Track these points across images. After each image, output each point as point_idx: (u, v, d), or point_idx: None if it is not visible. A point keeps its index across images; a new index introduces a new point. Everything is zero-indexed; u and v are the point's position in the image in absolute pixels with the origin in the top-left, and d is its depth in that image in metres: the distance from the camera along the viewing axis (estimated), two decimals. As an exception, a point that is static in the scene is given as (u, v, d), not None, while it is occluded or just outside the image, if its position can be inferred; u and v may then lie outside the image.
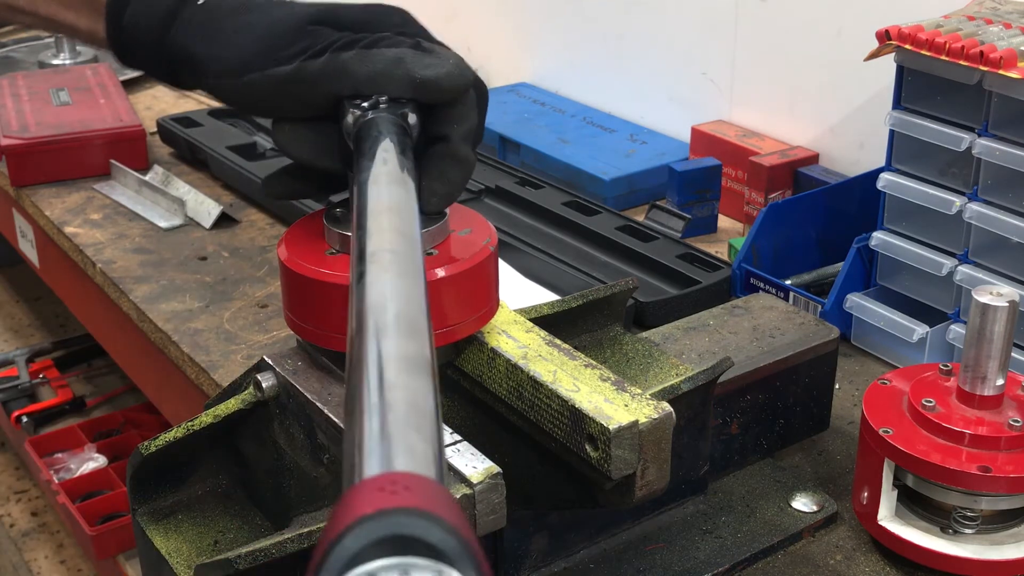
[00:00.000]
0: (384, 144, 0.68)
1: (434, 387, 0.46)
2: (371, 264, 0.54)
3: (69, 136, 1.62)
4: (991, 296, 0.81)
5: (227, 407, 0.79)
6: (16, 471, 2.30)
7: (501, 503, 0.67)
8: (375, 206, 0.61)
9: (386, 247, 0.56)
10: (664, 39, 1.70)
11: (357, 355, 0.47)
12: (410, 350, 0.47)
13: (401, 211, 0.61)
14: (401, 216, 0.60)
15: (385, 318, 0.49)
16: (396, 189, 0.64)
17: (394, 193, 0.63)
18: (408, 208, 0.62)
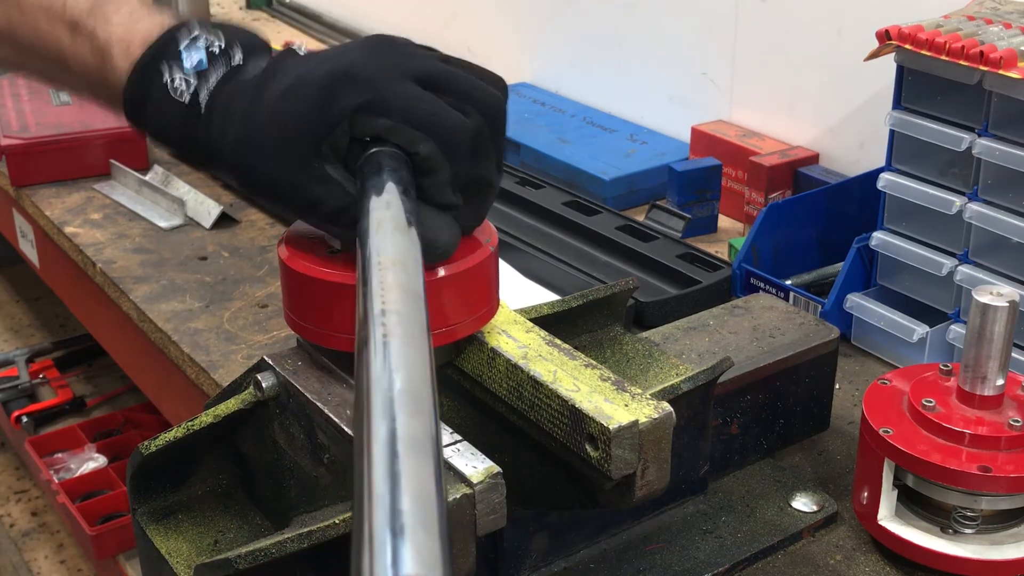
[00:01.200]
0: (388, 185, 0.68)
1: (437, 467, 0.47)
2: (375, 328, 0.54)
3: (69, 136, 1.62)
4: (991, 296, 0.81)
5: (227, 407, 0.79)
6: (16, 471, 2.30)
7: (501, 503, 0.67)
8: (380, 259, 0.61)
9: (391, 308, 0.56)
10: (664, 39, 1.70)
11: (363, 435, 0.48)
12: (415, 429, 0.48)
13: (405, 265, 0.61)
14: (406, 271, 0.60)
15: (390, 395, 0.50)
16: (400, 239, 0.63)
17: (398, 244, 0.62)
18: (412, 261, 0.62)
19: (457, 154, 0.71)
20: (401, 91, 0.71)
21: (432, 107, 0.71)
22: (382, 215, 0.65)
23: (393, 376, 0.51)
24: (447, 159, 0.71)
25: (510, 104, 0.82)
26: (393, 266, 0.60)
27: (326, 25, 2.44)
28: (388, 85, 0.71)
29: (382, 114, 0.70)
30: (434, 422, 0.49)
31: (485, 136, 0.74)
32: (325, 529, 0.67)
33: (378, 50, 0.73)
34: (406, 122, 0.70)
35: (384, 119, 0.70)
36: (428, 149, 0.70)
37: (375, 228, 0.64)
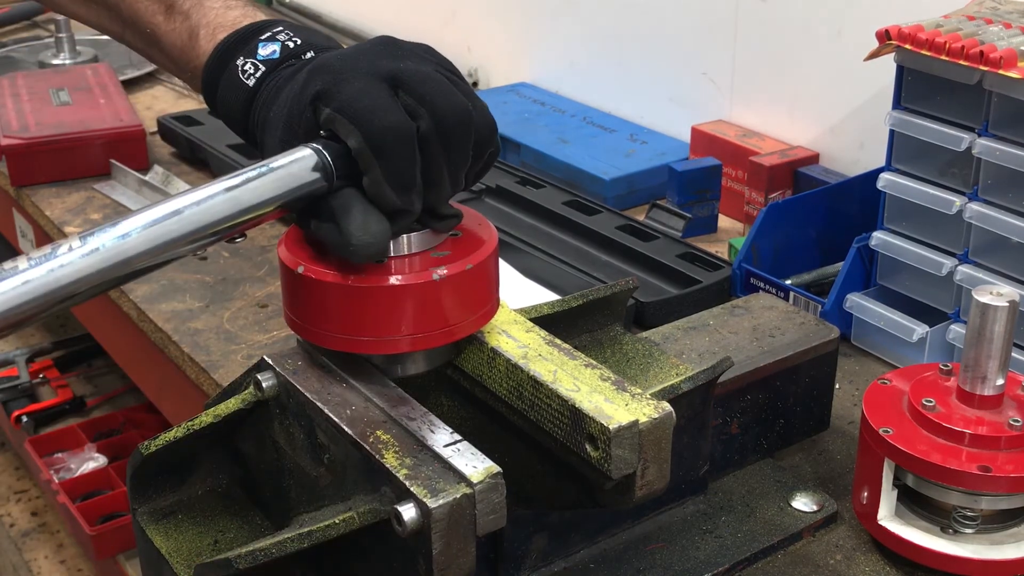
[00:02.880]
0: (277, 159, 0.72)
1: None
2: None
3: (69, 136, 1.62)
4: (991, 296, 0.81)
5: (227, 407, 0.79)
6: (16, 471, 2.30)
7: (501, 503, 0.67)
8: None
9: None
10: (664, 39, 1.70)
11: None
12: None
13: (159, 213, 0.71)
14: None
15: None
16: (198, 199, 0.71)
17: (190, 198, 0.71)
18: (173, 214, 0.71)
19: (384, 153, 0.70)
20: (353, 83, 0.72)
21: (373, 103, 0.71)
22: (264, 163, 0.71)
23: None
24: (375, 157, 0.70)
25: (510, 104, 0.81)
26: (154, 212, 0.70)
27: (326, 25, 2.44)
28: (346, 76, 0.72)
29: (330, 103, 0.72)
30: None
31: (434, 141, 0.72)
32: (325, 529, 0.67)
33: (375, 46, 0.76)
34: (342, 113, 0.71)
35: (329, 109, 0.72)
36: (356, 143, 0.71)
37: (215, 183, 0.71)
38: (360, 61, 0.73)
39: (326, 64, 0.74)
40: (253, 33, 0.82)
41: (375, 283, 0.72)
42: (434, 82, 0.72)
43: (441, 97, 0.72)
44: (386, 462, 0.68)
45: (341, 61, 0.74)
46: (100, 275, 0.67)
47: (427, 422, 0.72)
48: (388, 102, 0.71)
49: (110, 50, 2.17)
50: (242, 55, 0.80)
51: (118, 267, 0.68)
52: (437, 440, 0.70)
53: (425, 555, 0.66)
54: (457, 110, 0.72)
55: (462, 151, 0.73)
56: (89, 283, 0.66)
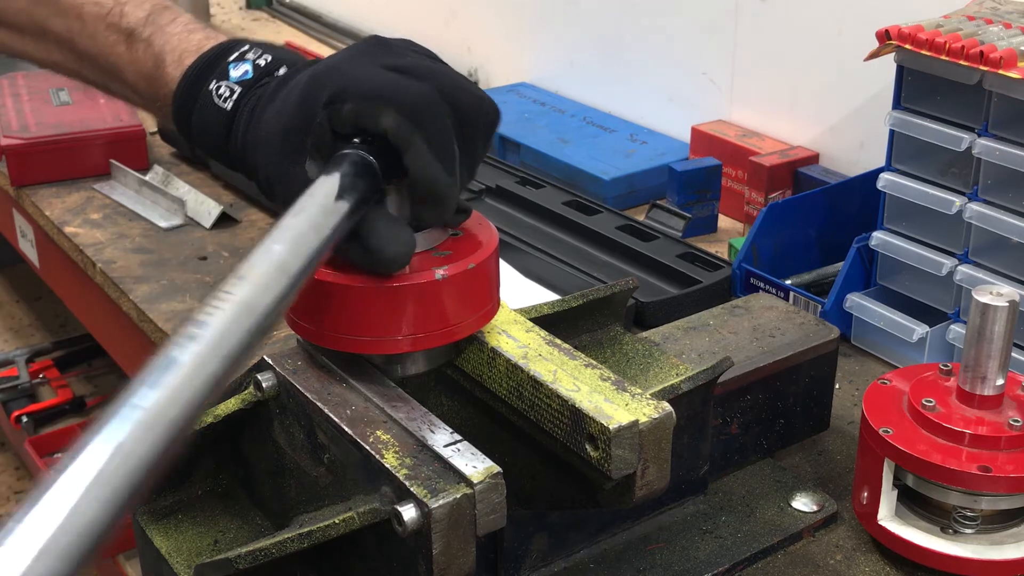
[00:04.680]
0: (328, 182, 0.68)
1: (131, 491, 0.48)
2: (188, 330, 0.55)
3: (69, 136, 1.62)
4: (991, 296, 0.81)
5: (227, 407, 0.79)
6: (16, 471, 2.30)
7: (501, 503, 0.67)
8: (244, 271, 0.61)
9: (206, 332, 0.56)
10: (664, 39, 1.70)
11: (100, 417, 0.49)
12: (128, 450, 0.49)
13: (263, 277, 0.61)
14: (255, 283, 0.60)
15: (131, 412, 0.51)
16: (279, 249, 0.63)
17: (273, 254, 0.63)
18: (279, 273, 0.62)
19: (422, 118, 0.70)
20: (367, 74, 0.71)
21: (395, 81, 0.70)
22: (288, 222, 0.66)
23: (156, 389, 0.52)
24: (415, 127, 0.70)
25: (510, 104, 0.81)
26: (243, 281, 0.60)
27: (326, 25, 2.44)
28: (356, 72, 0.71)
29: (347, 100, 0.71)
30: (159, 445, 0.51)
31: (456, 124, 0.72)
32: (325, 529, 0.67)
33: (364, 49, 0.75)
34: (370, 99, 0.70)
35: (350, 103, 0.70)
36: (391, 120, 0.70)
37: (290, 210, 0.66)
38: (363, 59, 0.73)
39: (330, 68, 0.73)
40: (220, 56, 0.79)
41: (376, 283, 0.72)
42: (441, 70, 0.73)
43: (453, 84, 0.72)
44: (386, 462, 0.68)
45: (344, 63, 0.73)
46: (200, 395, 0.56)
47: (427, 422, 0.72)
48: (408, 79, 0.71)
49: (110, 50, 2.17)
50: (214, 79, 0.78)
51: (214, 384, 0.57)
52: (437, 440, 0.70)
53: (425, 555, 0.66)
54: (471, 96, 0.72)
55: (479, 135, 0.73)
56: (190, 404, 0.55)
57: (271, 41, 0.82)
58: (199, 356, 0.55)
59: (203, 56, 0.80)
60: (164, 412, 0.52)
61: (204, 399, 0.54)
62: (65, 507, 0.45)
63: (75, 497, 0.46)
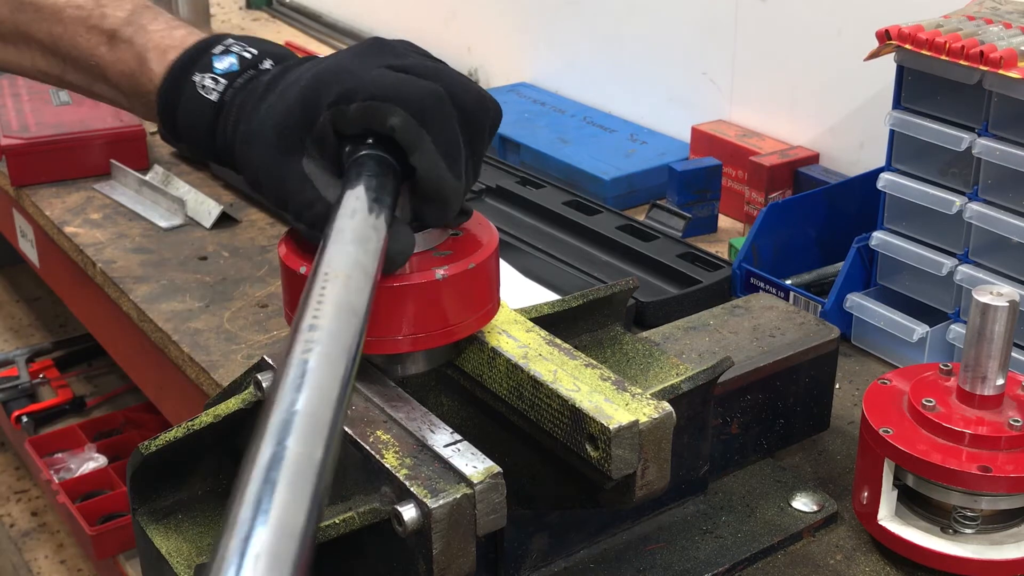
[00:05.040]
0: (360, 193, 0.68)
1: (314, 498, 0.47)
2: (298, 344, 0.54)
3: (69, 136, 1.62)
4: (991, 296, 0.81)
5: (227, 407, 0.79)
6: (16, 471, 2.30)
7: (501, 503, 0.67)
8: (327, 270, 0.61)
9: (321, 323, 0.56)
10: (664, 39, 1.70)
11: (250, 454, 0.48)
12: (301, 456, 0.48)
13: (351, 279, 0.61)
14: (348, 286, 0.60)
15: (288, 416, 0.50)
16: (353, 251, 0.63)
17: (349, 256, 0.63)
18: (361, 274, 0.62)
19: (429, 118, 0.70)
20: (372, 75, 0.71)
21: (401, 80, 0.70)
22: (344, 224, 0.66)
23: (297, 396, 0.51)
24: (423, 126, 0.70)
25: (510, 104, 0.81)
26: (336, 279, 0.60)
27: (326, 25, 2.44)
28: (361, 75, 0.71)
29: (352, 99, 0.70)
30: (326, 448, 0.49)
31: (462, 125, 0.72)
32: (325, 529, 0.67)
33: (369, 47, 0.75)
34: (377, 98, 0.70)
35: (356, 102, 0.70)
36: (398, 120, 0.70)
37: (334, 237, 0.65)
38: (366, 60, 0.73)
39: (334, 68, 0.73)
40: (203, 49, 0.79)
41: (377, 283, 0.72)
42: (446, 72, 0.73)
43: (458, 84, 0.72)
44: (386, 462, 0.68)
45: (348, 63, 0.73)
46: (341, 394, 0.55)
47: (427, 422, 0.72)
48: (415, 79, 0.71)
49: (110, 50, 2.17)
50: (198, 71, 0.78)
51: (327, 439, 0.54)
52: (437, 440, 0.70)
53: (425, 555, 0.66)
54: (476, 96, 0.73)
55: (483, 135, 0.74)
56: (338, 402, 0.54)
57: (271, 41, 0.82)
58: (326, 356, 0.55)
59: (187, 51, 0.79)
60: (321, 413, 0.51)
61: (346, 397, 0.54)
62: (275, 518, 0.46)
63: (281, 508, 0.46)
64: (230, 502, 0.46)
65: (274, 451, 0.48)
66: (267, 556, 0.44)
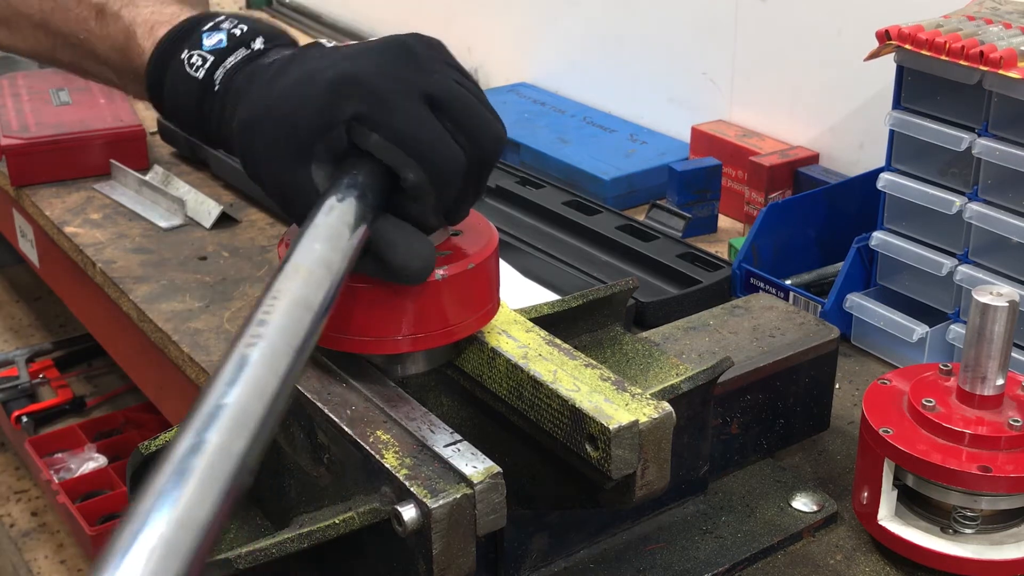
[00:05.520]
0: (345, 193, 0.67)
1: (223, 494, 0.47)
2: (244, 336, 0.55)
3: (69, 136, 1.62)
4: (991, 296, 0.81)
5: (227, 407, 0.79)
6: (16, 471, 2.30)
7: (501, 503, 0.67)
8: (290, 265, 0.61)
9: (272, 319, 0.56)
10: (664, 39, 1.70)
11: (172, 445, 0.48)
12: (219, 451, 0.48)
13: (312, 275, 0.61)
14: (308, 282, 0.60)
15: (215, 409, 0.50)
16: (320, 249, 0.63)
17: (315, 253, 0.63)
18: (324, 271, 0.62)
19: (446, 187, 0.70)
20: (404, 110, 0.69)
21: (431, 135, 0.69)
22: (320, 220, 0.65)
23: (229, 390, 0.51)
24: (435, 189, 0.69)
25: (510, 104, 0.81)
26: (296, 274, 0.60)
27: (326, 25, 2.44)
28: (392, 100, 0.69)
29: (377, 129, 0.69)
30: (250, 443, 0.49)
31: (473, 172, 0.71)
32: (325, 529, 0.67)
33: (397, 57, 0.71)
34: (399, 144, 0.68)
35: (377, 136, 0.69)
36: (417, 177, 0.69)
37: (306, 232, 0.65)
38: (395, 76, 0.70)
39: (357, 77, 0.69)
40: (194, 26, 0.78)
41: (376, 283, 0.72)
42: (470, 107, 0.71)
43: (482, 127, 0.71)
44: (386, 462, 0.68)
45: (374, 76, 0.70)
46: (279, 390, 0.55)
47: (427, 422, 0.72)
48: (442, 133, 0.69)
49: (110, 50, 2.17)
50: (186, 48, 0.76)
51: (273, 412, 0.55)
52: (437, 440, 0.70)
53: (425, 555, 0.66)
54: (493, 138, 0.72)
55: (490, 172, 0.73)
56: (272, 398, 0.54)
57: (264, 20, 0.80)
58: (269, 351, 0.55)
59: (176, 27, 0.78)
60: (251, 408, 0.51)
61: (283, 393, 0.54)
62: (176, 510, 0.45)
63: (184, 500, 0.46)
64: (139, 491, 0.46)
65: (192, 443, 0.48)
66: (162, 547, 0.43)
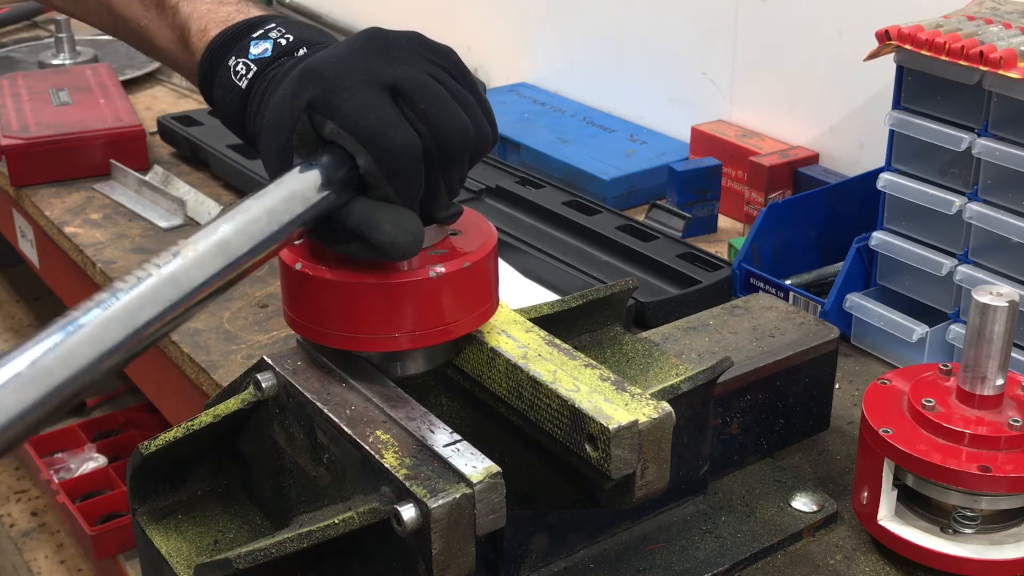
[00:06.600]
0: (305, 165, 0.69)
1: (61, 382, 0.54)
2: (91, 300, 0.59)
3: (69, 136, 1.62)
4: (991, 296, 0.81)
5: (227, 407, 0.79)
6: (16, 471, 2.30)
7: (501, 503, 0.67)
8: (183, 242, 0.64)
9: (124, 288, 0.60)
10: (664, 39, 1.70)
11: None
12: None
13: (200, 253, 0.64)
14: (187, 258, 0.63)
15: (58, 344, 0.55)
16: (228, 227, 0.66)
17: (219, 230, 0.66)
18: (215, 248, 0.65)
19: (399, 175, 0.69)
20: (355, 96, 0.69)
21: (379, 122, 0.68)
22: (259, 194, 0.68)
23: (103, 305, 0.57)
24: (386, 176, 0.69)
25: (510, 104, 0.81)
26: (182, 253, 0.64)
27: (326, 25, 2.44)
28: (345, 87, 0.69)
29: (331, 116, 0.69)
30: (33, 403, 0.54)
31: (436, 163, 0.70)
32: (325, 529, 0.67)
33: (366, 48, 0.72)
34: (349, 130, 0.68)
35: (331, 122, 0.69)
36: (366, 163, 0.69)
37: (238, 206, 0.67)
38: (355, 65, 0.70)
39: (317, 69, 0.70)
40: (245, 31, 0.78)
41: (373, 280, 0.72)
42: (434, 95, 0.70)
43: (444, 116, 0.70)
44: (386, 462, 0.68)
45: (334, 65, 0.70)
46: (122, 343, 0.60)
47: (427, 422, 0.72)
48: (395, 118, 0.68)
49: (110, 50, 2.17)
50: (234, 55, 0.77)
51: (138, 333, 0.61)
52: (437, 440, 0.70)
53: (425, 555, 0.66)
54: (457, 128, 0.70)
55: (460, 166, 0.72)
56: (77, 370, 0.58)
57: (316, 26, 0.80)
58: (101, 324, 0.58)
59: (226, 30, 0.79)
60: (48, 373, 0.55)
61: (95, 366, 0.57)
62: None
63: None
64: None
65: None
66: None
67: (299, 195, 0.68)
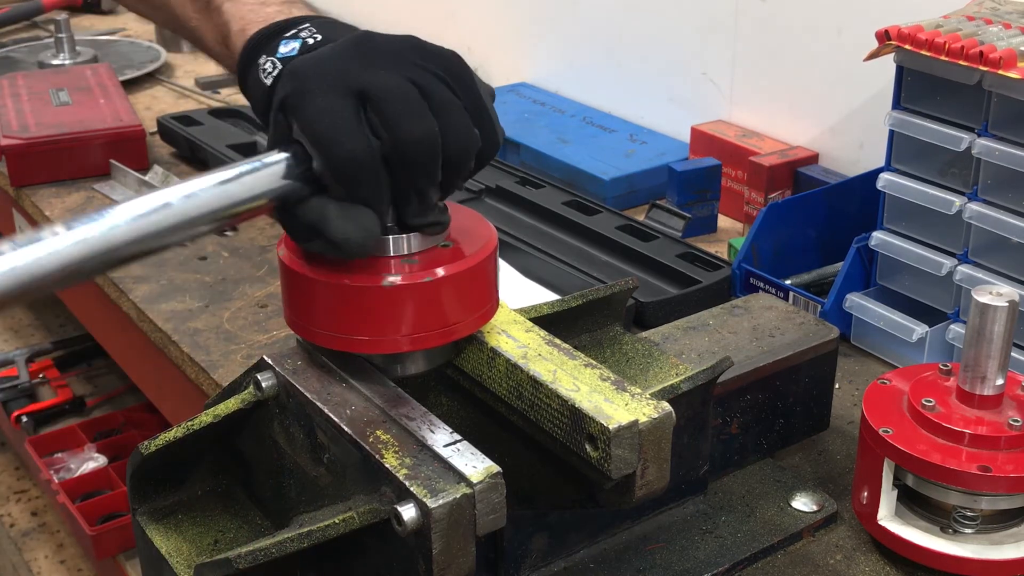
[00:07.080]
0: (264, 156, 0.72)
1: None
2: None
3: (69, 136, 1.62)
4: (991, 296, 0.81)
5: (227, 407, 0.79)
6: (16, 471, 2.30)
7: (501, 503, 0.67)
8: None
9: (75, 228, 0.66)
10: (664, 39, 1.70)
11: None
12: None
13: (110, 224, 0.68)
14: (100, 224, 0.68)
15: None
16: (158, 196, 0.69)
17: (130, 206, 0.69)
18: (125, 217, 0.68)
19: (345, 180, 0.69)
20: (316, 100, 0.70)
21: (331, 128, 0.69)
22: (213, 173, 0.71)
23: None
24: (337, 181, 0.70)
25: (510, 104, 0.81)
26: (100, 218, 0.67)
27: (326, 25, 2.44)
28: (309, 90, 0.70)
29: (296, 117, 0.71)
30: None
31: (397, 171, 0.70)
32: (325, 529, 0.67)
33: (345, 51, 0.73)
34: (305, 133, 0.70)
35: (295, 124, 0.71)
36: (317, 166, 0.70)
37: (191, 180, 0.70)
38: (328, 68, 0.71)
39: (296, 69, 0.72)
40: (280, 31, 0.80)
41: (374, 282, 0.72)
42: (399, 102, 0.70)
43: (405, 122, 0.69)
44: (386, 462, 0.68)
45: (311, 68, 0.72)
46: (83, 264, 0.66)
47: (427, 422, 0.72)
48: (349, 125, 0.69)
49: (110, 50, 2.17)
50: (265, 53, 0.78)
51: (102, 256, 0.68)
52: (437, 440, 0.70)
53: (425, 555, 0.66)
54: (419, 136, 0.69)
55: (426, 174, 0.71)
56: (71, 271, 0.66)
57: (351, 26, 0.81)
58: None
59: (263, 29, 0.81)
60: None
61: None
62: None
63: None
64: None
65: None
66: None
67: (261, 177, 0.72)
